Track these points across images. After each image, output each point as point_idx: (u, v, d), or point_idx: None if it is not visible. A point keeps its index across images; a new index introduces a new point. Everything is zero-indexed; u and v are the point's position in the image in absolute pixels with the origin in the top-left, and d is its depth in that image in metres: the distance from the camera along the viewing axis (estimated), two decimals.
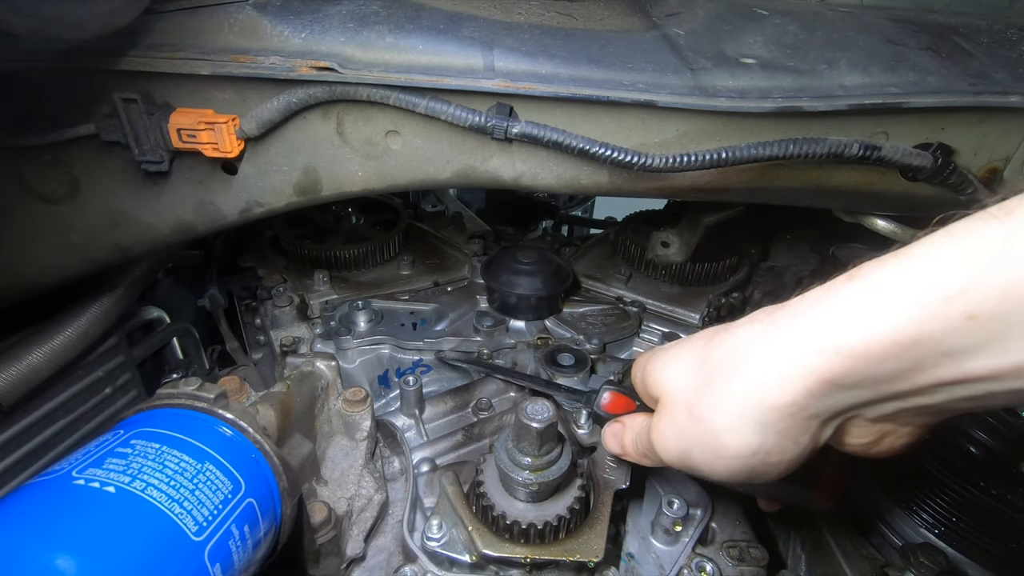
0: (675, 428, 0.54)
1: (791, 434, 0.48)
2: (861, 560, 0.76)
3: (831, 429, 0.49)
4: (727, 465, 0.51)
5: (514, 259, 1.11)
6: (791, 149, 0.67)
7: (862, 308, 0.42)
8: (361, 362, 1.05)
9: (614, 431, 0.66)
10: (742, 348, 0.50)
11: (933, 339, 0.39)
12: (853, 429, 0.50)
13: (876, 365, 0.42)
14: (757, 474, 0.51)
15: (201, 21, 0.68)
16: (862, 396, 0.45)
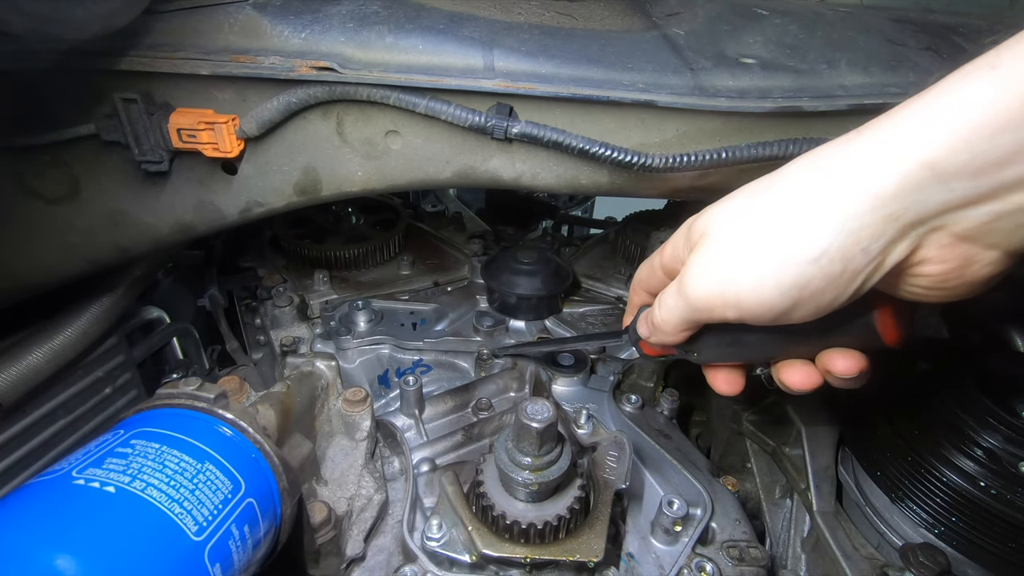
0: (721, 250, 0.49)
1: (864, 236, 0.42)
2: (861, 560, 0.76)
3: (909, 242, 0.43)
4: (779, 278, 0.44)
5: (514, 259, 1.11)
6: (791, 149, 0.67)
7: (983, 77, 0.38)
8: (361, 362, 1.05)
9: (645, 314, 0.62)
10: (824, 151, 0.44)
11: None
12: (933, 248, 0.43)
13: (990, 138, 0.37)
14: (810, 293, 0.44)
15: (201, 21, 0.68)
16: (960, 190, 0.39)
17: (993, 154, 0.37)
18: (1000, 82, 0.37)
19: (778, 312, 0.47)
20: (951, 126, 0.38)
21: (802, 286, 0.44)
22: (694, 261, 0.51)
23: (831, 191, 0.42)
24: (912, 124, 0.40)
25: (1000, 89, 0.37)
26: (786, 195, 0.45)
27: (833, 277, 0.43)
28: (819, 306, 0.46)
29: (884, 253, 0.43)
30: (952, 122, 0.38)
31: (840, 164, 0.43)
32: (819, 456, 0.86)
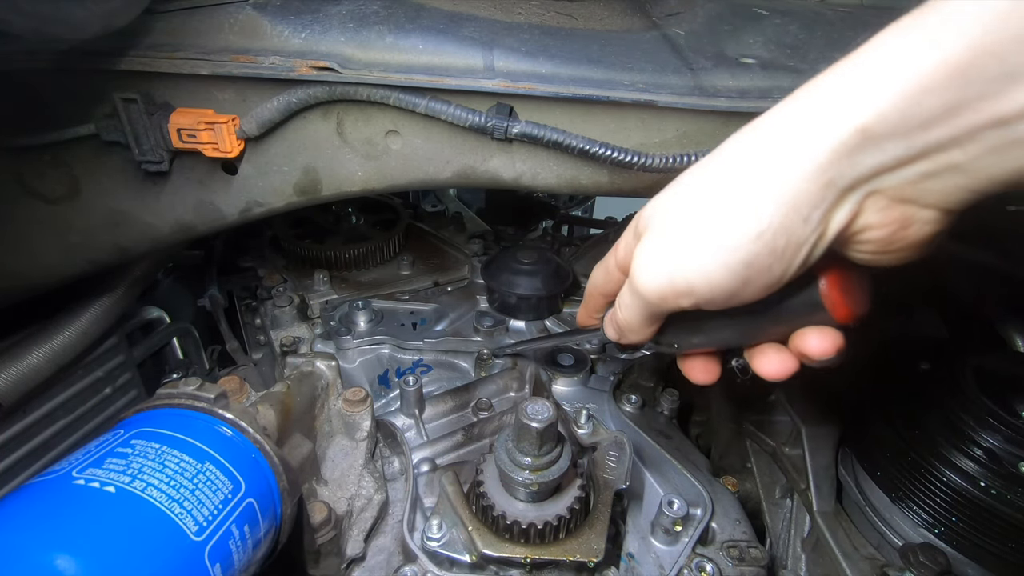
0: (663, 238, 0.48)
1: (803, 207, 0.42)
2: (861, 560, 0.76)
3: (848, 208, 0.43)
4: (724, 260, 0.45)
5: (514, 259, 1.11)
6: None
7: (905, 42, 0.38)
8: (361, 362, 1.05)
9: (608, 315, 0.62)
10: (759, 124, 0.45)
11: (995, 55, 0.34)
12: (871, 213, 0.44)
13: (919, 98, 0.37)
14: (757, 271, 0.45)
15: (201, 21, 0.68)
16: (892, 152, 0.40)
17: (920, 116, 0.38)
18: (925, 43, 0.37)
19: (729, 293, 0.47)
20: (879, 89, 0.38)
21: (749, 263, 0.44)
22: (639, 254, 0.51)
23: (767, 164, 0.43)
24: (841, 88, 0.40)
25: (924, 50, 0.37)
26: (723, 173, 0.46)
27: (778, 251, 0.44)
28: (769, 282, 0.46)
29: (825, 221, 0.43)
30: (880, 85, 0.38)
31: (774, 134, 0.43)
32: (819, 456, 0.86)
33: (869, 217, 0.44)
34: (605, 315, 0.65)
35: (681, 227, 0.47)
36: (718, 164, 0.47)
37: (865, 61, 0.40)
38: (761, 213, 0.43)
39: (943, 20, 0.37)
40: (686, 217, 0.47)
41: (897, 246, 0.45)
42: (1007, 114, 0.35)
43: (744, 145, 0.46)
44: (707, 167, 0.48)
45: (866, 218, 0.44)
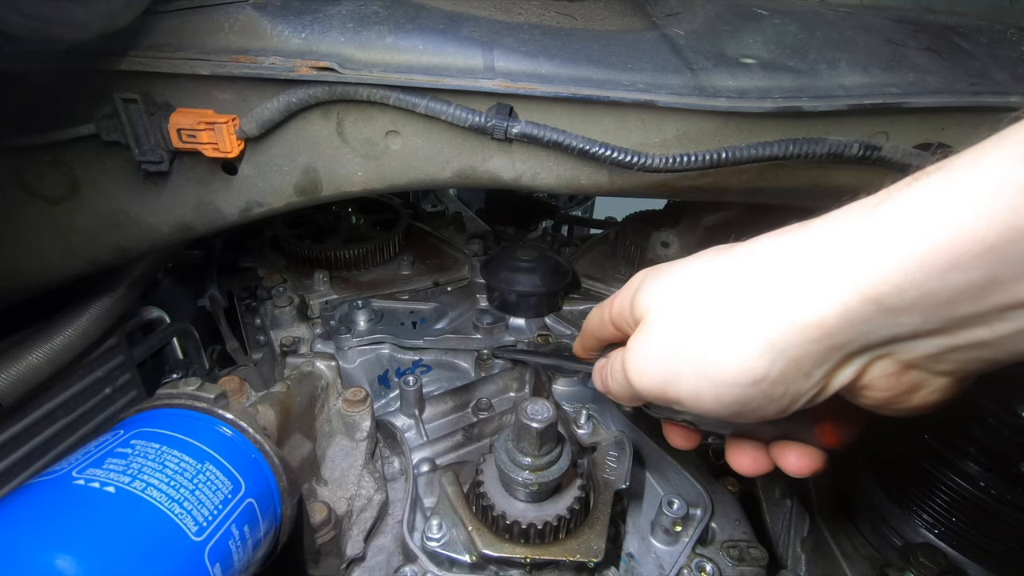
0: (662, 347, 0.46)
1: (806, 364, 0.40)
2: (861, 560, 0.76)
3: (853, 369, 0.41)
4: (719, 393, 0.43)
5: (513, 257, 1.11)
6: (791, 149, 0.67)
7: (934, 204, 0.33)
8: (361, 362, 1.05)
9: (599, 367, 0.60)
10: (763, 258, 0.42)
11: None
12: (878, 375, 0.41)
13: (943, 275, 0.33)
14: (751, 409, 0.44)
15: (201, 21, 0.68)
16: (909, 325, 0.36)
17: (943, 294, 0.34)
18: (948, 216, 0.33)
19: (718, 418, 0.47)
20: (898, 261, 0.35)
21: (742, 403, 0.43)
22: (635, 348, 0.49)
23: (773, 313, 0.40)
24: (857, 246, 0.37)
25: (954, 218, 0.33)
26: (731, 307, 0.43)
27: (775, 397, 0.42)
28: (762, 417, 0.45)
29: (827, 379, 0.42)
30: (899, 257, 0.35)
31: (783, 289, 0.40)
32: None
33: (875, 379, 0.42)
34: (596, 363, 0.63)
35: (681, 341, 0.45)
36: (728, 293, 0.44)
37: (886, 217, 0.36)
38: (760, 364, 0.41)
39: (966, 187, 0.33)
40: (687, 332, 0.45)
41: (903, 406, 0.43)
42: None
43: (757, 274, 0.42)
44: (718, 273, 0.45)
45: (872, 378, 0.42)
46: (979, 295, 0.34)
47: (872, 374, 0.42)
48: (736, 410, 0.44)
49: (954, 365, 0.40)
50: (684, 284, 0.47)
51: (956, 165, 0.34)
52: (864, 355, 0.40)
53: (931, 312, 0.35)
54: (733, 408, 0.44)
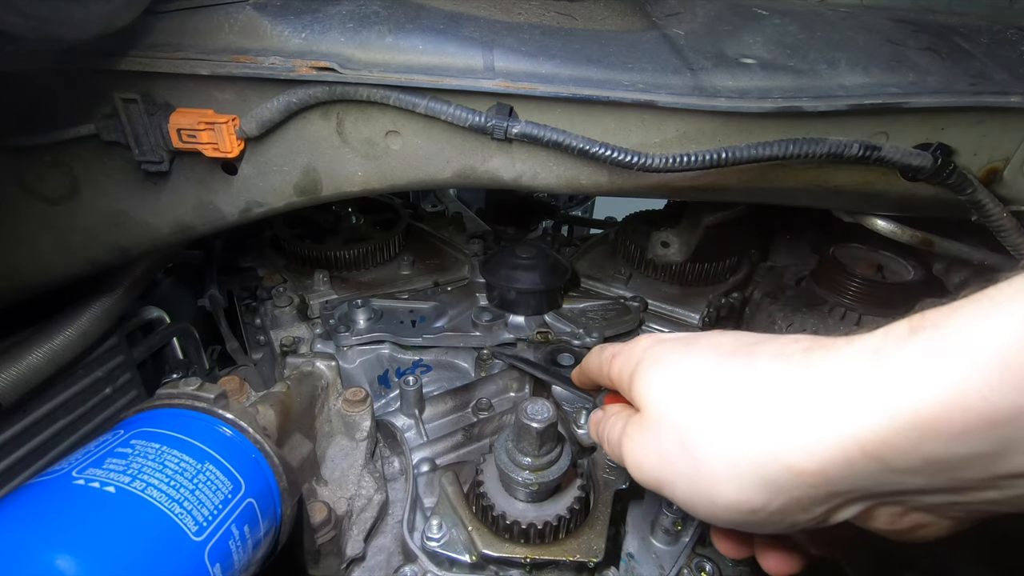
0: (659, 452, 0.45)
1: (804, 503, 0.39)
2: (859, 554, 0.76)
3: (856, 509, 0.40)
4: (713, 513, 0.43)
5: (512, 254, 1.11)
6: (791, 149, 0.67)
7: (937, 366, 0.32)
8: (361, 362, 1.05)
9: (595, 419, 0.59)
10: (763, 387, 0.40)
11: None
12: (884, 514, 0.41)
13: (947, 444, 0.32)
14: (747, 528, 0.44)
15: (201, 21, 0.68)
16: (914, 483, 0.35)
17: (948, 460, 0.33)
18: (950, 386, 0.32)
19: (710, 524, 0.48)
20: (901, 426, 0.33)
21: (736, 524, 0.43)
22: (635, 440, 0.48)
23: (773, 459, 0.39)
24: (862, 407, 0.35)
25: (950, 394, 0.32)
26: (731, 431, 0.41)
27: (771, 524, 0.42)
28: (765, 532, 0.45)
29: (828, 515, 0.41)
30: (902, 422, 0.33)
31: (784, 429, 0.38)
32: None
33: (879, 519, 0.41)
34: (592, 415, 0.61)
35: (679, 452, 0.44)
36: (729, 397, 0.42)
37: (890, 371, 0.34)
38: (759, 497, 0.40)
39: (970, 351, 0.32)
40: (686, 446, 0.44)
41: (907, 539, 0.43)
42: None
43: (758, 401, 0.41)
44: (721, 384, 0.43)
45: (875, 517, 0.41)
46: (986, 465, 0.33)
47: (876, 515, 0.41)
48: (730, 526, 0.44)
49: (962, 514, 0.39)
50: (686, 386, 0.46)
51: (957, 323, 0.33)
52: (869, 500, 0.39)
53: (937, 475, 0.34)
54: (727, 525, 0.44)
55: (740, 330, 0.51)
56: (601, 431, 0.56)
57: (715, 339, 0.47)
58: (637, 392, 0.49)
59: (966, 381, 0.31)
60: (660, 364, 0.48)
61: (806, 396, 0.38)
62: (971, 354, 0.32)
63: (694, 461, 0.43)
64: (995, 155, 0.75)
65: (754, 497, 0.40)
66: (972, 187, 0.73)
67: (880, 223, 0.87)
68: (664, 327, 1.14)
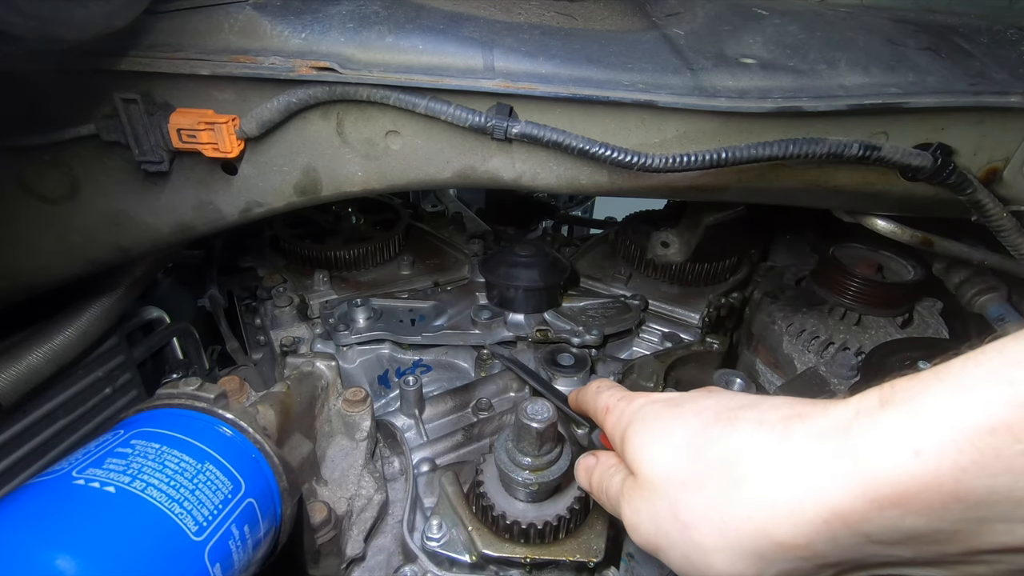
0: (653, 519, 0.46)
1: (796, 574, 0.40)
2: None
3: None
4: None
5: (511, 252, 1.11)
6: (791, 149, 0.67)
7: (910, 441, 0.33)
8: (361, 362, 1.05)
9: (586, 465, 0.59)
10: (746, 456, 0.41)
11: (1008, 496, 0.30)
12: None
13: (925, 518, 0.33)
14: None
15: (201, 21, 0.68)
16: (900, 555, 0.36)
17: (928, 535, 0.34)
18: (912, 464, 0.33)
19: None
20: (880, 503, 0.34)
21: None
22: (632, 504, 0.49)
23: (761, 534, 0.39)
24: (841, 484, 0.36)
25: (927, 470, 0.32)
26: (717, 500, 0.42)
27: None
28: None
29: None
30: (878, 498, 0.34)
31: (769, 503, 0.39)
32: None
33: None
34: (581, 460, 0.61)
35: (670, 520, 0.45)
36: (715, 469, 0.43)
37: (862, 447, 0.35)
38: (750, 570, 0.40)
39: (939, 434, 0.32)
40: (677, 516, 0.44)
41: None
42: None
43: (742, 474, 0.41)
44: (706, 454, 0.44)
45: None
46: (968, 539, 0.33)
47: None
48: None
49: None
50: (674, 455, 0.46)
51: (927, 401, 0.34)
52: (859, 571, 0.40)
53: (921, 548, 0.35)
54: None
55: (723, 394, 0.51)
56: (594, 481, 0.56)
57: (701, 403, 0.48)
58: (630, 454, 0.50)
59: (939, 461, 0.32)
60: (649, 429, 0.49)
61: (787, 470, 0.39)
62: (941, 434, 0.32)
63: (685, 530, 0.43)
64: (995, 155, 0.75)
65: (745, 570, 0.40)
66: (972, 187, 0.73)
67: (880, 223, 0.87)
68: (664, 327, 1.14)
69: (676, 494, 0.45)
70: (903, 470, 0.33)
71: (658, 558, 0.48)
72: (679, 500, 0.44)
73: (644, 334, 1.14)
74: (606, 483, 0.54)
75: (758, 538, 0.39)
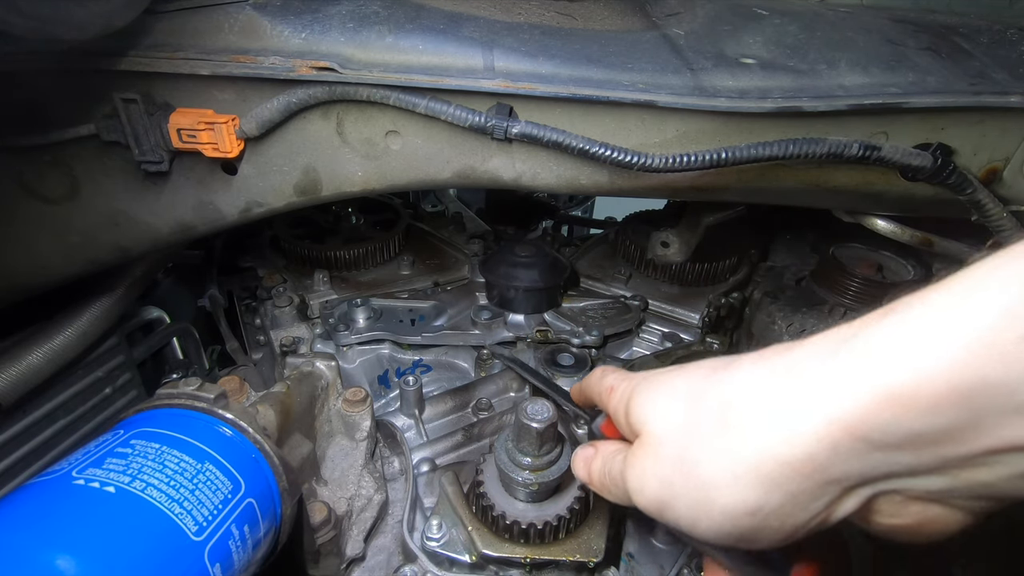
0: (658, 472, 0.46)
1: (801, 498, 0.39)
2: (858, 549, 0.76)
3: (855, 501, 0.40)
4: (714, 524, 0.43)
5: (511, 253, 1.11)
6: (791, 149, 0.67)
7: (908, 343, 0.34)
8: (361, 362, 1.05)
9: (585, 456, 0.58)
10: (748, 389, 0.42)
11: (1003, 387, 0.31)
12: (885, 509, 0.41)
13: (924, 417, 0.33)
14: (748, 539, 0.43)
15: (201, 21, 0.68)
16: (902, 462, 0.36)
17: (928, 435, 0.34)
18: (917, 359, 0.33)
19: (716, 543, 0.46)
20: (878, 401, 0.34)
21: (739, 533, 0.42)
22: (635, 466, 0.48)
23: (762, 454, 0.39)
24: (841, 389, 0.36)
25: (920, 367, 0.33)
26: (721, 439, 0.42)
27: (772, 529, 0.41)
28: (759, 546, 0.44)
29: (828, 511, 0.40)
30: (878, 396, 0.34)
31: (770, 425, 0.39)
32: None
33: (882, 511, 0.41)
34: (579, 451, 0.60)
35: (676, 469, 0.45)
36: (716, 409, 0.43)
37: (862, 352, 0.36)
38: (754, 495, 0.40)
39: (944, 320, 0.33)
40: (681, 460, 0.44)
41: (916, 537, 0.42)
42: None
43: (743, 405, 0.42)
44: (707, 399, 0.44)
45: (879, 511, 0.41)
46: (965, 436, 0.33)
47: (878, 507, 0.41)
48: (734, 540, 0.43)
49: (965, 503, 0.39)
50: (678, 403, 0.47)
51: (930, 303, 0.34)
52: (864, 488, 0.39)
53: (922, 452, 0.35)
54: (731, 538, 0.43)
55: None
56: (594, 470, 0.56)
57: (703, 361, 0.49)
58: (634, 417, 0.50)
59: (936, 356, 0.32)
60: (653, 388, 0.50)
61: (786, 390, 0.39)
62: (941, 330, 0.33)
63: (692, 471, 0.43)
64: (995, 155, 0.75)
65: (750, 496, 0.40)
66: (972, 187, 0.73)
67: (880, 223, 0.87)
68: (664, 327, 1.14)
69: (681, 440, 0.45)
70: (904, 367, 0.33)
71: (665, 520, 0.47)
72: (684, 445, 0.44)
73: (644, 334, 1.14)
74: (608, 466, 0.54)
75: (762, 461, 0.39)
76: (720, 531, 0.43)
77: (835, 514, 0.41)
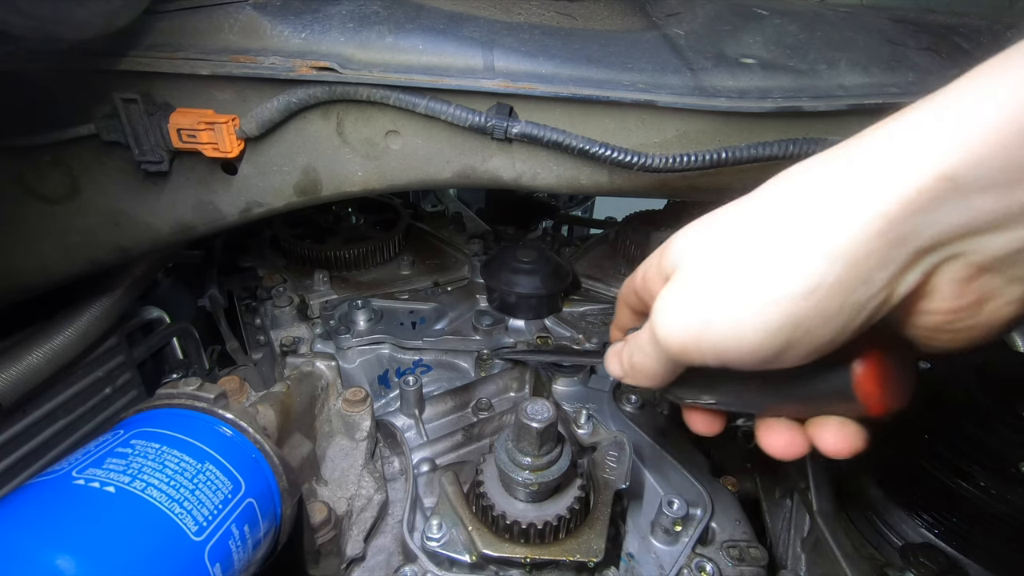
0: (694, 287, 0.41)
1: (867, 266, 0.35)
2: (861, 560, 0.76)
3: (920, 271, 0.36)
4: (763, 319, 0.37)
5: (513, 258, 1.11)
6: (791, 149, 0.67)
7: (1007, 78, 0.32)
8: (361, 362, 1.05)
9: (616, 349, 0.54)
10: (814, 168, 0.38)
11: None
12: (946, 280, 0.36)
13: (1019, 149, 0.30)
14: (799, 336, 0.37)
15: (201, 21, 0.68)
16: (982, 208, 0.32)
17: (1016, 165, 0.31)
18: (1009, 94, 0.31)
19: (764, 357, 0.39)
20: (976, 128, 0.32)
21: (793, 325, 0.37)
22: (663, 300, 0.43)
23: (825, 210, 0.36)
24: (927, 127, 0.34)
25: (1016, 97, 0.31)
26: (771, 216, 0.39)
27: (830, 313, 0.36)
28: (811, 350, 0.39)
29: (891, 285, 0.36)
30: (977, 124, 0.32)
31: (837, 177, 0.36)
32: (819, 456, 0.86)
33: (942, 285, 0.37)
34: (610, 348, 0.57)
35: (715, 274, 0.40)
36: (766, 203, 0.40)
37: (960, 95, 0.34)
38: (814, 268, 0.35)
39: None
40: (722, 263, 0.40)
41: (964, 324, 0.38)
42: None
43: (800, 184, 0.38)
44: (750, 205, 0.41)
45: (938, 285, 0.37)
46: None
47: (939, 279, 0.37)
48: (784, 338, 0.37)
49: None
50: (719, 224, 0.42)
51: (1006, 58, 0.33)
52: (932, 254, 0.35)
53: (1012, 190, 0.32)
54: (781, 336, 0.37)
55: None
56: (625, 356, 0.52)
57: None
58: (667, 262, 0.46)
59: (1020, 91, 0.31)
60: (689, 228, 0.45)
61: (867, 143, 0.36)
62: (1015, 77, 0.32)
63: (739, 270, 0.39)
64: None
65: (809, 269, 0.36)
66: None
67: None
68: None
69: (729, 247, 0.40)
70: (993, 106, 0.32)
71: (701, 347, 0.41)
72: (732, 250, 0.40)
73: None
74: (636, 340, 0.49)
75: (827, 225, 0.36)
76: (767, 329, 0.37)
77: (896, 291, 0.37)
